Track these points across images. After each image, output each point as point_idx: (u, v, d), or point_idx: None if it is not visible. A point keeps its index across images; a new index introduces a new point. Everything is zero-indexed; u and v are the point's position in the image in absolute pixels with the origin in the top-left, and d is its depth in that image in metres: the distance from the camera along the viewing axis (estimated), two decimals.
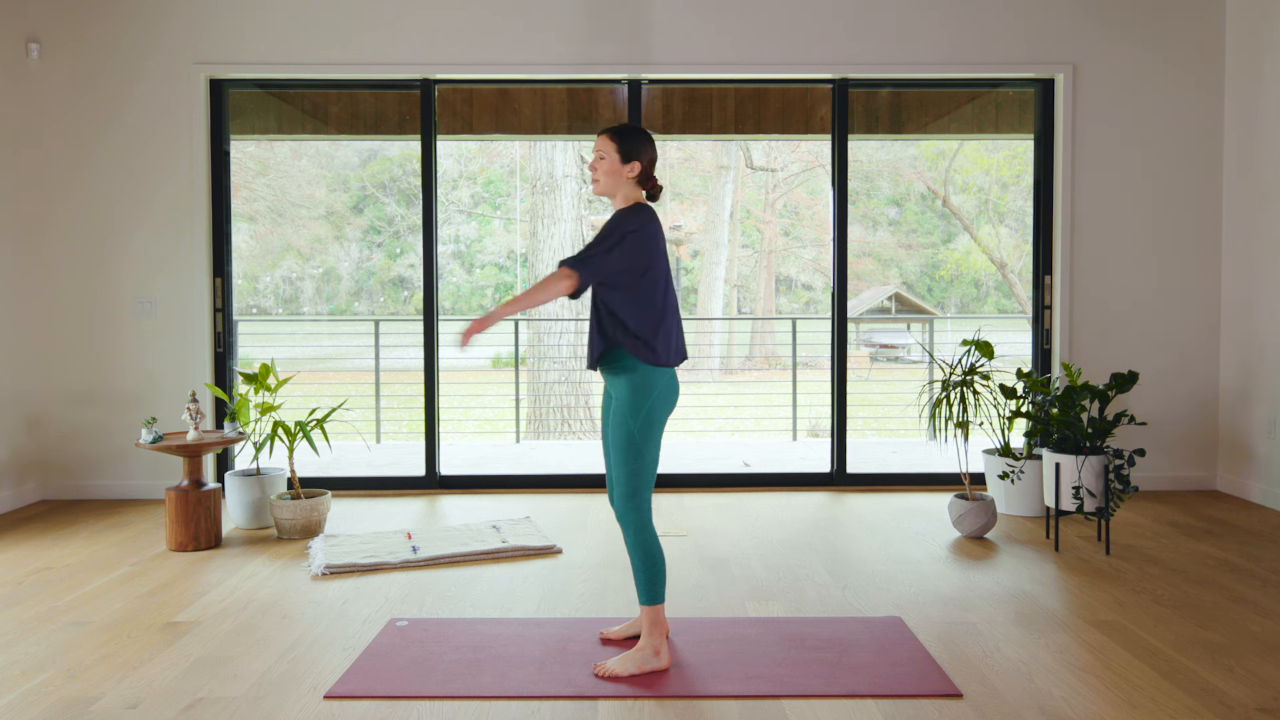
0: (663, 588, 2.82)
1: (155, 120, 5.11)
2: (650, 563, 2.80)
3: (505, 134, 5.61)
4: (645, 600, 2.81)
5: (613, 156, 2.86)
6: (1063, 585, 3.61)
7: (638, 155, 2.86)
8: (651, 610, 2.81)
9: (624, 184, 2.88)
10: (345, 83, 5.31)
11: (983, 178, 14.55)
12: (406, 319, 13.33)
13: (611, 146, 2.86)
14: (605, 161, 2.86)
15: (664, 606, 2.83)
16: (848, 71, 5.22)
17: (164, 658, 2.93)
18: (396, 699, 2.63)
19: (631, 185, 2.88)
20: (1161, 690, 2.66)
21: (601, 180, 2.88)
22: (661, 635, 2.82)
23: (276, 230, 13.93)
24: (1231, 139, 5.19)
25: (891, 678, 2.75)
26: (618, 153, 2.86)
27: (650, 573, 2.79)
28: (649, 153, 2.89)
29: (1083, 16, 5.19)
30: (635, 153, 2.86)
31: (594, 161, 2.90)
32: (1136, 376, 4.16)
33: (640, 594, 2.82)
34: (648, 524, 2.81)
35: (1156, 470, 5.26)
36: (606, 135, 2.88)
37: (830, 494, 5.26)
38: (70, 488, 5.15)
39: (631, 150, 2.86)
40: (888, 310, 16.25)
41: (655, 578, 2.80)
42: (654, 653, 2.80)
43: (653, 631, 2.81)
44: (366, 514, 4.81)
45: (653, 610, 2.81)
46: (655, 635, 2.81)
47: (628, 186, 2.88)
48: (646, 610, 2.82)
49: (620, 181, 2.87)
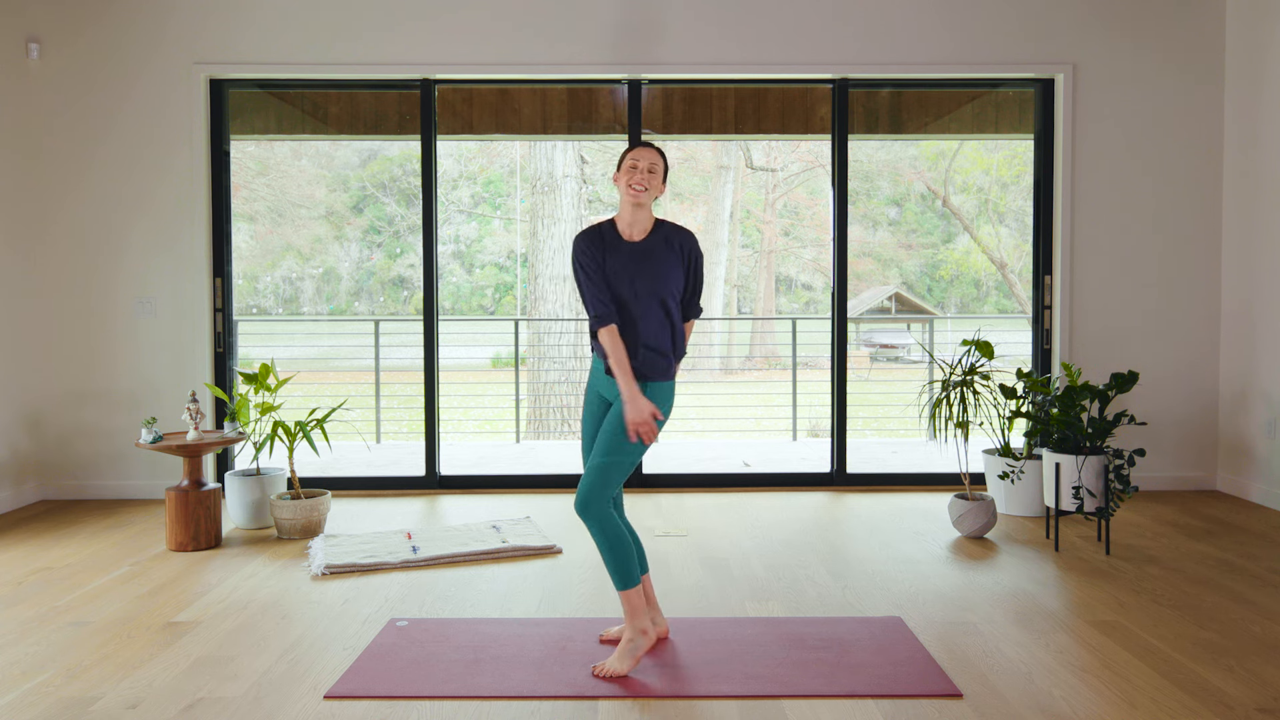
0: (635, 570, 2.83)
1: (155, 120, 5.11)
2: (618, 548, 2.81)
3: (505, 134, 5.62)
4: (620, 585, 2.83)
5: (660, 171, 2.92)
6: (1063, 585, 3.61)
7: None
8: (627, 595, 2.83)
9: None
10: (345, 83, 5.31)
11: (983, 178, 14.55)
12: (406, 319, 13.33)
13: (662, 164, 2.93)
14: (656, 176, 2.91)
15: (640, 587, 2.84)
16: (848, 71, 5.22)
17: (164, 658, 2.93)
18: (396, 699, 2.64)
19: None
20: (1161, 690, 2.66)
21: (652, 190, 2.91)
22: (644, 616, 2.85)
23: (276, 230, 13.93)
24: (1231, 139, 5.19)
25: (891, 678, 2.75)
26: (664, 170, 2.94)
27: (619, 559, 2.81)
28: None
29: (1082, 16, 5.19)
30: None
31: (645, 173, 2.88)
32: (1136, 376, 4.16)
33: (615, 581, 2.84)
34: (608, 512, 2.83)
35: (1156, 470, 5.26)
36: (657, 151, 2.94)
37: (830, 494, 5.26)
38: (70, 488, 5.15)
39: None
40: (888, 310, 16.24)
41: (625, 562, 2.81)
42: (640, 633, 2.83)
43: (635, 615, 2.84)
44: (366, 514, 4.81)
45: (629, 594, 2.83)
46: (638, 617, 2.84)
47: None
48: (624, 595, 2.83)
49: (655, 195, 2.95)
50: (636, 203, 2.87)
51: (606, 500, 2.82)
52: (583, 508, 2.81)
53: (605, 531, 2.81)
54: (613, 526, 2.82)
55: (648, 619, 2.86)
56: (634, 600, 2.84)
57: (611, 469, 2.81)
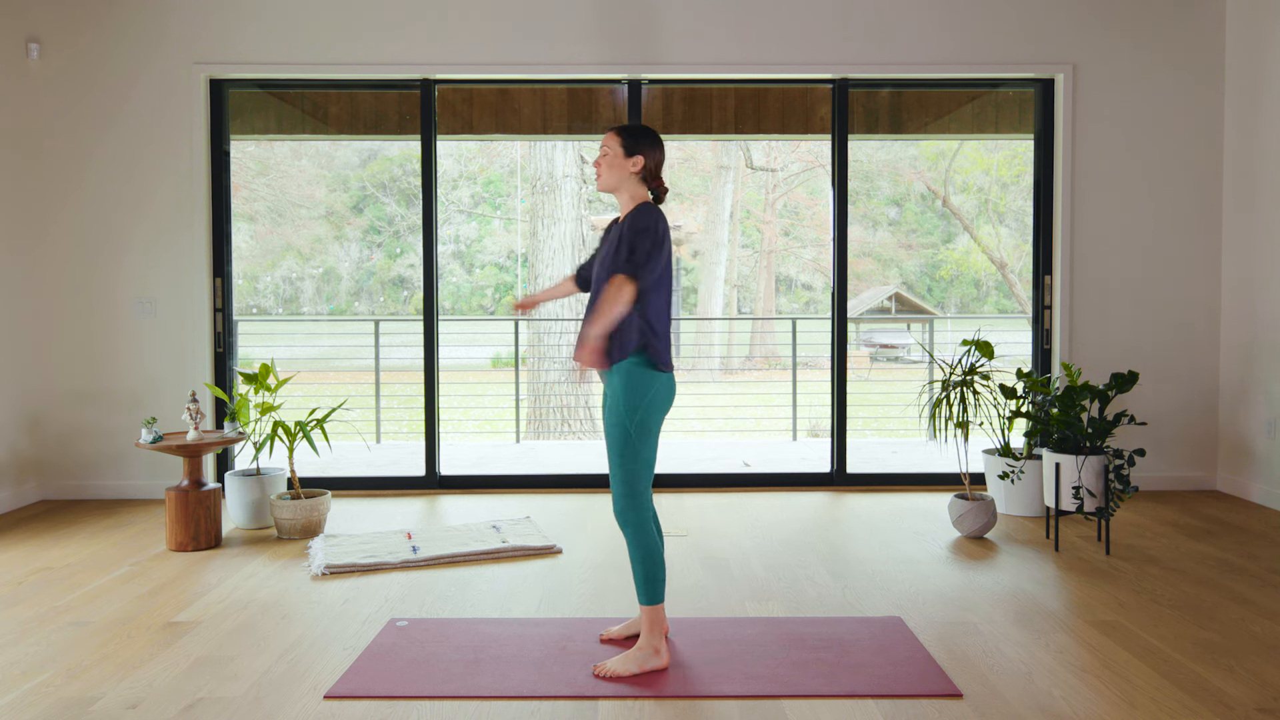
0: (662, 588, 2.82)
1: (155, 120, 5.11)
2: (650, 563, 2.80)
3: (505, 134, 5.62)
4: (645, 600, 2.81)
5: (616, 150, 2.87)
6: (1063, 585, 3.61)
7: (641, 151, 2.86)
8: (651, 610, 2.81)
9: (628, 179, 2.87)
10: (345, 83, 5.31)
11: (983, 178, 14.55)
12: (406, 319, 13.33)
13: (615, 141, 2.88)
14: (608, 155, 2.87)
15: (664, 606, 2.83)
16: (848, 71, 5.22)
17: (164, 658, 2.93)
18: (396, 699, 2.64)
19: (636, 182, 2.88)
20: (1161, 690, 2.66)
21: (604, 174, 2.88)
22: (661, 635, 2.83)
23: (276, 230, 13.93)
24: (1231, 139, 5.19)
25: (891, 678, 2.75)
26: (621, 146, 2.87)
27: (650, 573, 2.79)
28: (654, 152, 2.89)
29: (1082, 16, 5.19)
30: (639, 148, 2.86)
31: (598, 158, 2.92)
32: (1136, 376, 4.16)
33: (640, 594, 2.82)
34: (647, 523, 2.81)
35: (1156, 470, 5.26)
36: (612, 131, 2.91)
37: (830, 494, 5.26)
38: (70, 488, 5.15)
39: (635, 145, 2.87)
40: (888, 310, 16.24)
41: (655, 578, 2.80)
42: (654, 652, 2.80)
43: (652, 631, 2.81)
44: (366, 514, 4.81)
45: (652, 610, 2.81)
46: (655, 635, 2.81)
47: (632, 183, 2.88)
48: (646, 610, 2.82)
49: (624, 176, 2.87)
50: (600, 189, 2.92)
51: (644, 505, 2.80)
52: (621, 515, 2.80)
53: (640, 542, 2.79)
54: (648, 539, 2.80)
55: (664, 640, 2.84)
56: (656, 616, 2.82)
57: (632, 475, 2.78)
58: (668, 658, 2.83)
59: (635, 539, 2.80)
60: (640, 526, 2.79)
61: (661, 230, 2.79)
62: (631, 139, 2.87)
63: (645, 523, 2.80)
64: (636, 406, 2.78)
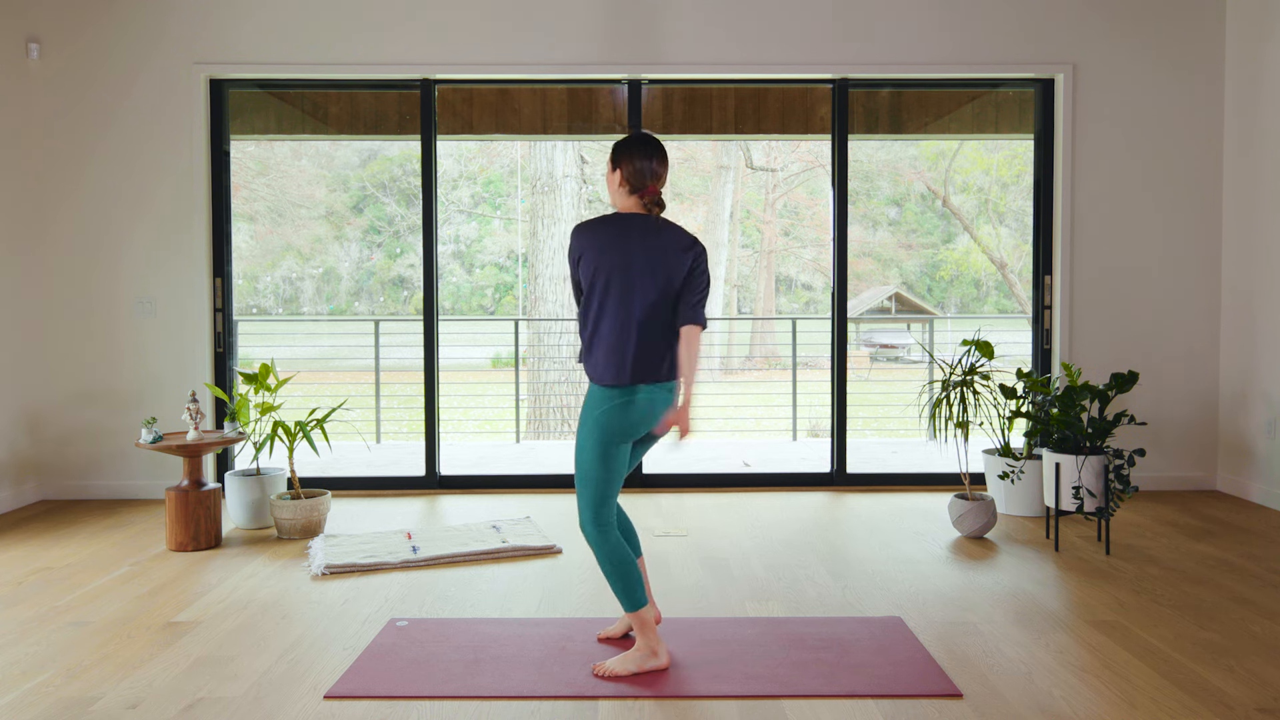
0: (640, 591, 2.79)
1: (155, 120, 5.11)
2: (622, 570, 2.77)
3: (505, 134, 5.62)
4: (628, 608, 2.79)
5: (607, 166, 2.89)
6: (1063, 585, 3.61)
7: (618, 163, 2.84)
8: (636, 615, 2.81)
9: (616, 193, 2.86)
10: (345, 83, 5.31)
11: (983, 178, 14.55)
12: (406, 319, 13.33)
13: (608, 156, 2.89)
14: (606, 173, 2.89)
15: (647, 607, 2.82)
16: (848, 71, 5.22)
17: (164, 658, 2.93)
18: (396, 699, 2.64)
19: (623, 194, 2.85)
20: (1161, 690, 2.66)
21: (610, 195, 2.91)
22: (655, 634, 2.82)
23: (276, 230, 13.93)
24: (1231, 139, 5.19)
25: (891, 678, 2.75)
26: (609, 162, 2.88)
27: (625, 581, 2.77)
28: (629, 160, 2.81)
29: (1082, 16, 5.19)
30: (618, 159, 2.84)
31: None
32: (1136, 376, 4.16)
33: (622, 603, 2.80)
34: (610, 532, 2.79)
35: (1156, 470, 5.26)
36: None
37: (830, 494, 5.26)
38: (70, 488, 5.15)
39: (616, 157, 2.85)
40: (888, 310, 16.24)
41: (630, 584, 2.77)
42: (651, 653, 2.80)
43: (645, 632, 2.81)
44: (366, 514, 4.81)
45: (637, 615, 2.80)
46: (648, 635, 2.81)
47: (620, 195, 2.86)
48: (632, 617, 2.81)
49: (613, 191, 2.87)
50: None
51: (609, 517, 2.79)
52: (588, 531, 2.80)
53: (608, 554, 2.77)
54: (614, 548, 2.78)
55: (659, 641, 2.83)
56: (644, 618, 2.81)
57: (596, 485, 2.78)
58: (667, 658, 2.83)
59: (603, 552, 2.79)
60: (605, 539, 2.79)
61: (569, 251, 2.81)
62: (614, 151, 2.86)
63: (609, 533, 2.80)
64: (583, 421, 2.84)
